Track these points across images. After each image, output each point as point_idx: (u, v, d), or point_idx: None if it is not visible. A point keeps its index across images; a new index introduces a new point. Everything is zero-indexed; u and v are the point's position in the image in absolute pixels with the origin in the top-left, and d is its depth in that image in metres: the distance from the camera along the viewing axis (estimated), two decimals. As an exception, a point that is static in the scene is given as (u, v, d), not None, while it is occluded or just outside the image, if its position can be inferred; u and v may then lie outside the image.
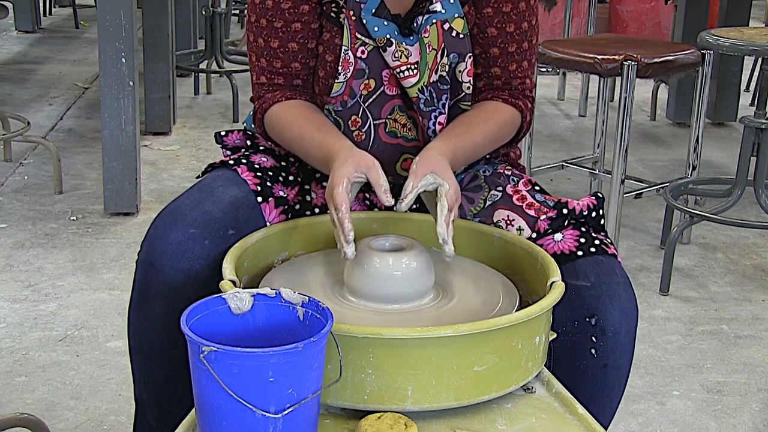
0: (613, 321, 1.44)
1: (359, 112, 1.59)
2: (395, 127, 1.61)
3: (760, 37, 2.94)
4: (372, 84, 1.58)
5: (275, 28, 1.58)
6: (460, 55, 1.58)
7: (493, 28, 1.59)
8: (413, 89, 1.57)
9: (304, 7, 1.57)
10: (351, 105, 1.58)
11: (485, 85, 1.63)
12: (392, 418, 1.17)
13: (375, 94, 1.59)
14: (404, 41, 1.56)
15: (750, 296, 3.00)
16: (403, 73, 1.57)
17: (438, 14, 1.56)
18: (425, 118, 1.58)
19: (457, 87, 1.60)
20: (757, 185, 3.09)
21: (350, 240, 1.34)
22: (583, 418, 1.25)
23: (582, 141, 4.70)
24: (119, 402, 2.22)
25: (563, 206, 1.57)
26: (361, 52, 1.57)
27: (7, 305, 2.69)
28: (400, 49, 1.56)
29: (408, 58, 1.56)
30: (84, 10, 7.84)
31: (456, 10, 1.57)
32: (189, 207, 1.49)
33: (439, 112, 1.59)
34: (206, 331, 1.13)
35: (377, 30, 1.55)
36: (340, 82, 1.57)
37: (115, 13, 3.19)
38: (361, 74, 1.57)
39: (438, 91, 1.58)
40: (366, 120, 1.59)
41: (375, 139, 1.60)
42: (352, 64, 1.57)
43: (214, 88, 5.46)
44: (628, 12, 6.46)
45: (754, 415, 2.32)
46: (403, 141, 1.62)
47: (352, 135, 1.59)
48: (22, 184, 3.73)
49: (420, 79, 1.56)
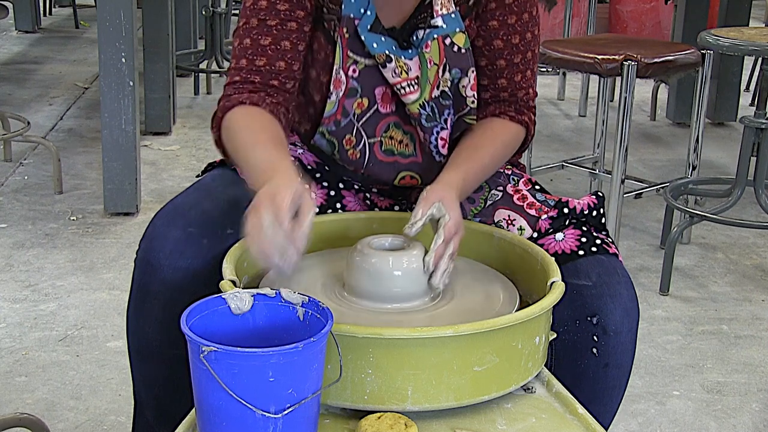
0: (614, 320, 1.44)
1: (353, 131, 1.57)
2: (391, 144, 1.59)
3: (760, 37, 2.94)
4: (365, 102, 1.56)
5: (269, 26, 1.53)
6: (463, 70, 1.56)
7: (499, 40, 1.58)
8: (414, 105, 1.55)
9: (300, 12, 1.54)
10: (345, 124, 1.56)
11: (492, 97, 1.61)
12: (392, 418, 1.17)
13: (369, 113, 1.57)
14: (403, 55, 1.54)
15: (750, 296, 3.00)
16: (403, 90, 1.54)
17: (439, 29, 1.54)
18: (427, 133, 1.56)
19: (461, 102, 1.58)
20: (757, 185, 3.09)
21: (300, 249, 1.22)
22: (583, 418, 1.25)
23: (582, 141, 4.70)
24: (119, 402, 2.22)
25: (564, 205, 1.57)
26: (352, 71, 1.54)
27: (7, 305, 2.69)
28: (400, 64, 1.53)
29: (408, 74, 1.54)
30: (84, 10, 7.84)
31: (457, 25, 1.55)
32: (188, 206, 1.49)
33: (441, 128, 1.57)
34: (206, 331, 1.13)
35: (376, 47, 1.53)
36: (332, 102, 1.55)
37: (115, 13, 3.19)
38: (353, 93, 1.55)
39: (440, 107, 1.56)
40: (360, 139, 1.58)
41: (370, 158, 1.59)
42: (343, 83, 1.54)
43: (214, 88, 5.46)
44: (628, 12, 6.47)
45: (754, 415, 2.32)
46: (400, 158, 1.60)
47: (346, 154, 1.58)
48: (22, 184, 3.73)
49: (421, 95, 1.54)
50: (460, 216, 1.41)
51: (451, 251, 1.36)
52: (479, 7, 1.57)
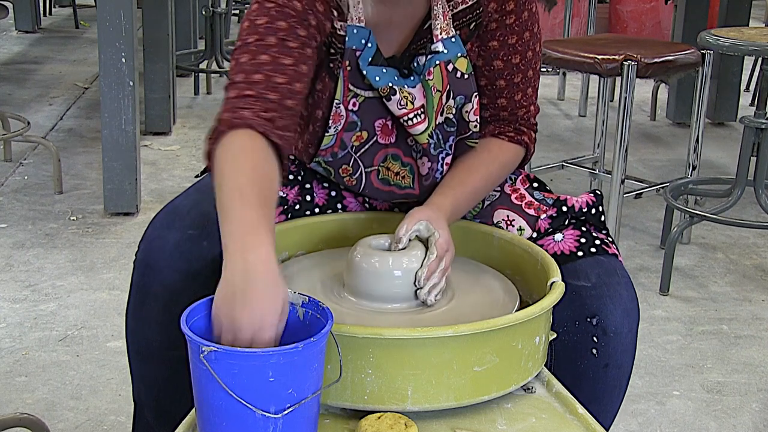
0: (614, 321, 1.44)
1: (350, 162, 1.55)
2: (387, 174, 1.57)
3: (760, 37, 2.94)
4: (364, 135, 1.53)
5: (268, 45, 1.38)
6: (467, 97, 1.52)
7: (499, 60, 1.54)
8: (423, 136, 1.51)
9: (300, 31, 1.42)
10: (342, 155, 1.54)
11: (491, 116, 1.58)
12: (392, 418, 1.17)
13: (367, 144, 1.54)
14: (405, 84, 1.50)
15: (750, 296, 3.00)
16: (411, 121, 1.50)
17: (441, 55, 1.49)
18: (433, 161, 1.54)
19: (464, 126, 1.55)
20: (757, 185, 3.09)
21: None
22: (583, 418, 1.25)
23: (582, 141, 4.70)
24: (119, 402, 2.22)
25: (563, 203, 1.57)
26: (352, 104, 1.51)
27: (7, 305, 2.69)
28: (404, 94, 1.49)
29: (413, 104, 1.50)
30: (84, 10, 7.84)
31: (459, 50, 1.50)
32: (187, 208, 1.49)
33: (446, 153, 1.55)
34: (206, 332, 1.13)
35: (378, 80, 1.48)
36: (330, 135, 1.51)
37: (115, 13, 3.19)
38: (352, 126, 1.52)
39: (445, 133, 1.53)
40: (357, 168, 1.55)
41: (366, 185, 1.57)
42: (343, 118, 1.51)
43: (214, 88, 5.46)
44: (628, 12, 6.46)
45: (754, 415, 2.32)
46: (395, 188, 1.58)
47: (343, 180, 1.56)
48: (22, 184, 3.73)
49: (429, 125, 1.50)
50: (450, 235, 1.40)
51: (443, 267, 1.36)
52: (480, 28, 1.53)
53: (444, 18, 1.49)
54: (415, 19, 1.51)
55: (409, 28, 1.52)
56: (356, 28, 1.47)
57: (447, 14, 1.49)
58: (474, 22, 1.52)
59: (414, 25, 1.52)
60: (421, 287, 1.34)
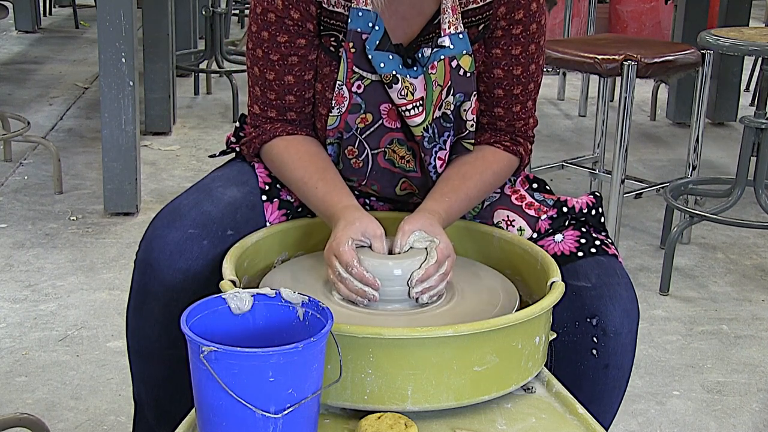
0: (614, 321, 1.44)
1: (356, 143, 1.55)
2: (393, 157, 1.57)
3: (760, 37, 2.94)
4: (369, 118, 1.53)
5: (271, 61, 1.51)
6: (466, 95, 1.52)
7: (499, 69, 1.54)
8: (418, 129, 1.52)
9: (301, 41, 1.50)
10: (348, 137, 1.54)
11: (488, 123, 1.58)
12: (392, 418, 1.17)
13: (373, 127, 1.54)
14: (408, 74, 1.50)
15: (750, 296, 3.00)
16: (408, 112, 1.51)
17: (446, 50, 1.49)
18: (427, 154, 1.54)
19: (461, 125, 1.55)
20: (757, 185, 3.09)
21: (378, 286, 1.33)
22: (583, 418, 1.25)
23: (582, 141, 4.70)
24: (119, 402, 2.22)
25: (562, 204, 1.57)
26: (357, 87, 1.51)
27: (7, 305, 2.69)
28: (405, 84, 1.49)
29: (413, 95, 1.50)
30: (84, 10, 7.84)
31: (465, 47, 1.50)
32: (187, 207, 1.49)
33: (440, 148, 1.54)
34: (206, 331, 1.13)
35: (383, 66, 1.48)
36: (333, 116, 1.52)
37: (115, 13, 3.19)
38: (356, 109, 1.52)
39: (440, 128, 1.53)
40: (363, 149, 1.56)
41: (373, 166, 1.57)
42: (346, 99, 1.51)
43: (214, 88, 5.46)
44: (628, 12, 6.46)
45: (754, 415, 2.32)
46: (401, 171, 1.59)
47: (349, 162, 1.56)
48: (22, 184, 3.73)
49: (425, 118, 1.51)
50: (449, 240, 1.39)
51: (443, 271, 1.35)
52: (487, 32, 1.53)
53: (453, 12, 1.49)
54: (424, 15, 1.52)
55: (419, 22, 1.53)
56: (361, 11, 1.48)
57: (456, 9, 1.50)
58: (483, 23, 1.52)
59: (423, 20, 1.53)
60: (413, 286, 1.34)
